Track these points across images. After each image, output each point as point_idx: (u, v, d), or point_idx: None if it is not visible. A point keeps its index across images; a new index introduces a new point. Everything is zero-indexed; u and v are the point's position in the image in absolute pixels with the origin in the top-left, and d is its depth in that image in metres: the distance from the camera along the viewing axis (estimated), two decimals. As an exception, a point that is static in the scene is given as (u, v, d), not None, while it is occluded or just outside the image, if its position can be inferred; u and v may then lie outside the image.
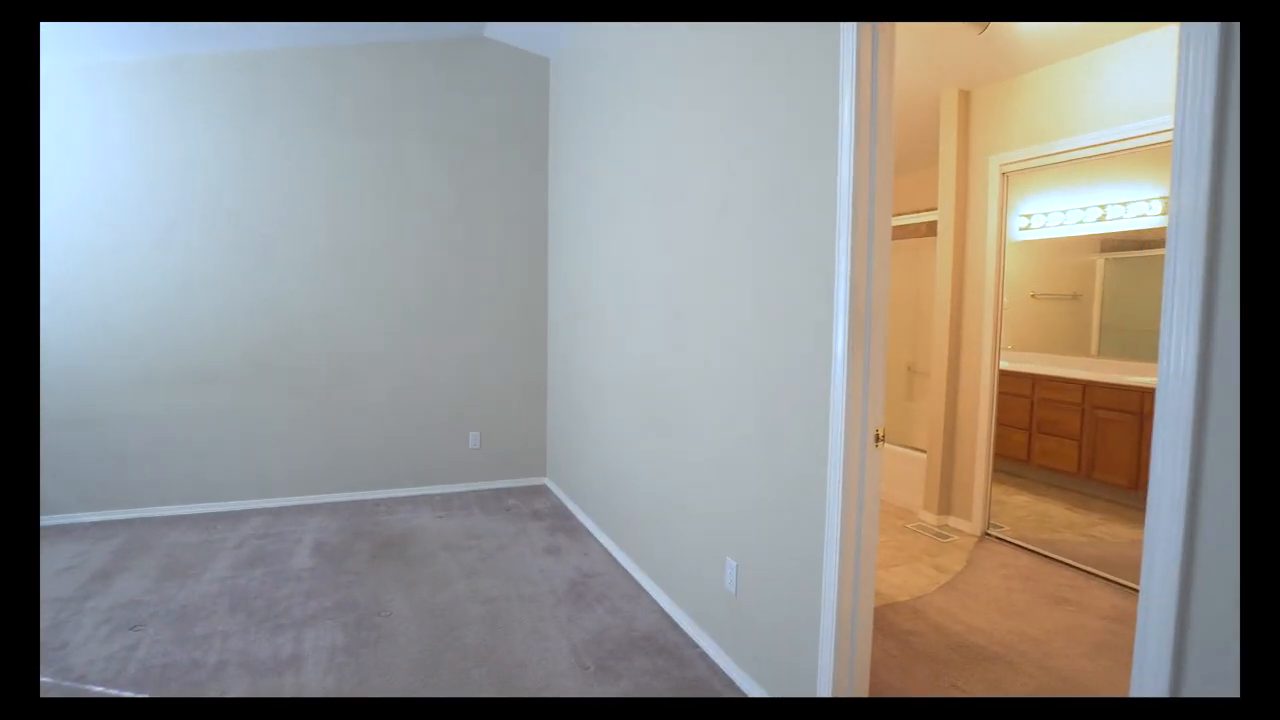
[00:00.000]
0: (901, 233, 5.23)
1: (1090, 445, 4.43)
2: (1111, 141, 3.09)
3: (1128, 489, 4.22)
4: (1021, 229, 5.25)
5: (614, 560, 3.29)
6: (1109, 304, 4.98)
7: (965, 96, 3.76)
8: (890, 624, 2.70)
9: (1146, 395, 4.11)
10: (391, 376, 4.24)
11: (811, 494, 1.93)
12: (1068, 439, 4.56)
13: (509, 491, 4.45)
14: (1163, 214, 4.42)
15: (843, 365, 1.80)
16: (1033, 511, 4.16)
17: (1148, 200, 4.53)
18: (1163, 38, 2.95)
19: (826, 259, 1.86)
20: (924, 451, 4.05)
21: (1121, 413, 4.25)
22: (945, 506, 3.94)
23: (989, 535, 3.73)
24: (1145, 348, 4.70)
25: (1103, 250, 4.91)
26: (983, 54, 3.44)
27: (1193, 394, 0.96)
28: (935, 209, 3.99)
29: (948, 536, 3.74)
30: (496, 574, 3.10)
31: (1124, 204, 4.64)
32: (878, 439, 1.87)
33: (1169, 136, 2.96)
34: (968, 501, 3.81)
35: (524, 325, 4.56)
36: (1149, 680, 1.04)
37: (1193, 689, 0.98)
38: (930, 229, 4.57)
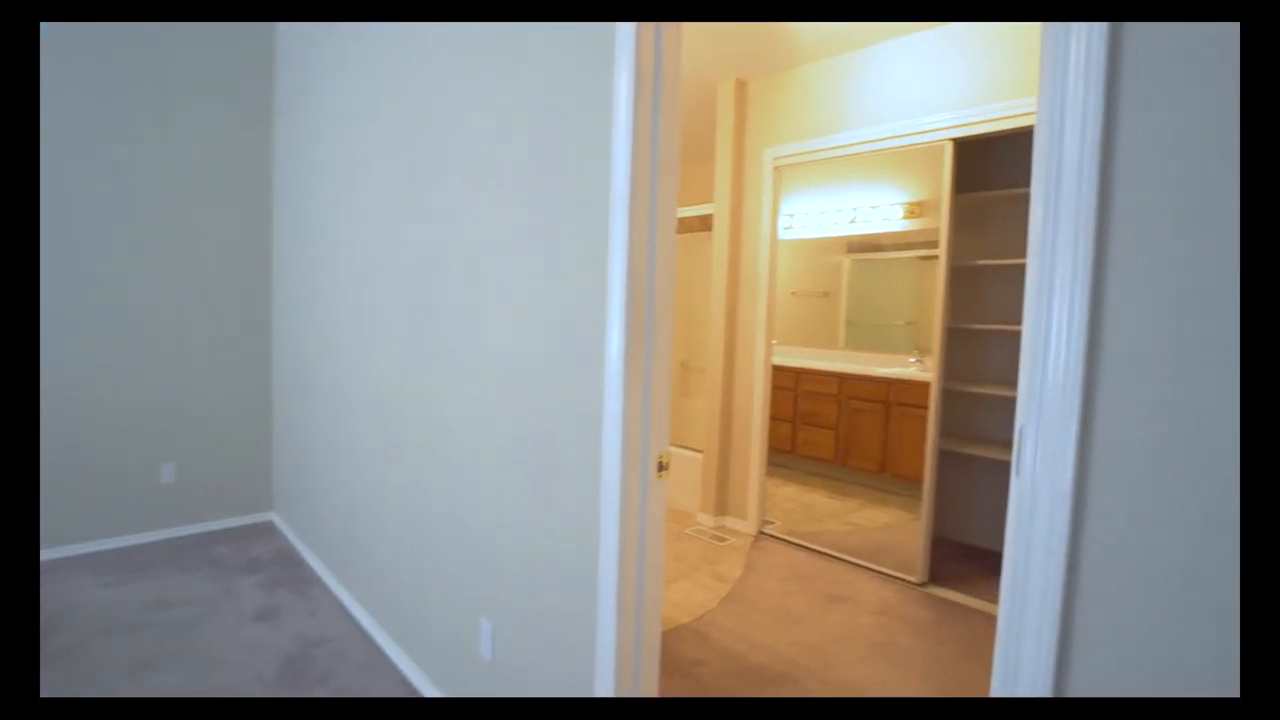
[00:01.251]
0: (679, 227, 5.15)
1: (845, 434, 4.69)
2: (867, 141, 3.16)
3: (876, 473, 4.52)
4: (785, 228, 5.44)
5: (351, 619, 2.66)
6: (853, 301, 5.34)
7: (742, 87, 3.68)
8: (676, 656, 2.45)
9: (892, 386, 4.42)
10: (41, 396, 3.10)
11: (581, 539, 1.55)
12: (827, 429, 4.79)
13: (220, 535, 3.53)
14: (906, 218, 4.80)
15: (619, 380, 1.44)
16: (799, 503, 4.27)
17: (890, 205, 4.88)
18: (930, 38, 3.03)
19: (601, 251, 1.49)
20: (700, 451, 3.94)
21: (871, 402, 4.54)
22: (722, 507, 3.86)
23: (764, 534, 3.71)
24: (880, 340, 5.12)
25: (849, 252, 5.25)
26: (760, 43, 3.34)
27: (1079, 389, 0.92)
28: (711, 203, 3.88)
29: (725, 539, 3.65)
30: (182, 663, 2.31)
31: (873, 206, 4.97)
32: (660, 468, 1.54)
33: (918, 139, 3.10)
34: (743, 500, 3.76)
35: (240, 328, 3.64)
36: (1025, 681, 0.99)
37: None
38: (704, 223, 4.49)
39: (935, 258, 4.85)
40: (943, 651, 2.56)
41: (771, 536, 3.68)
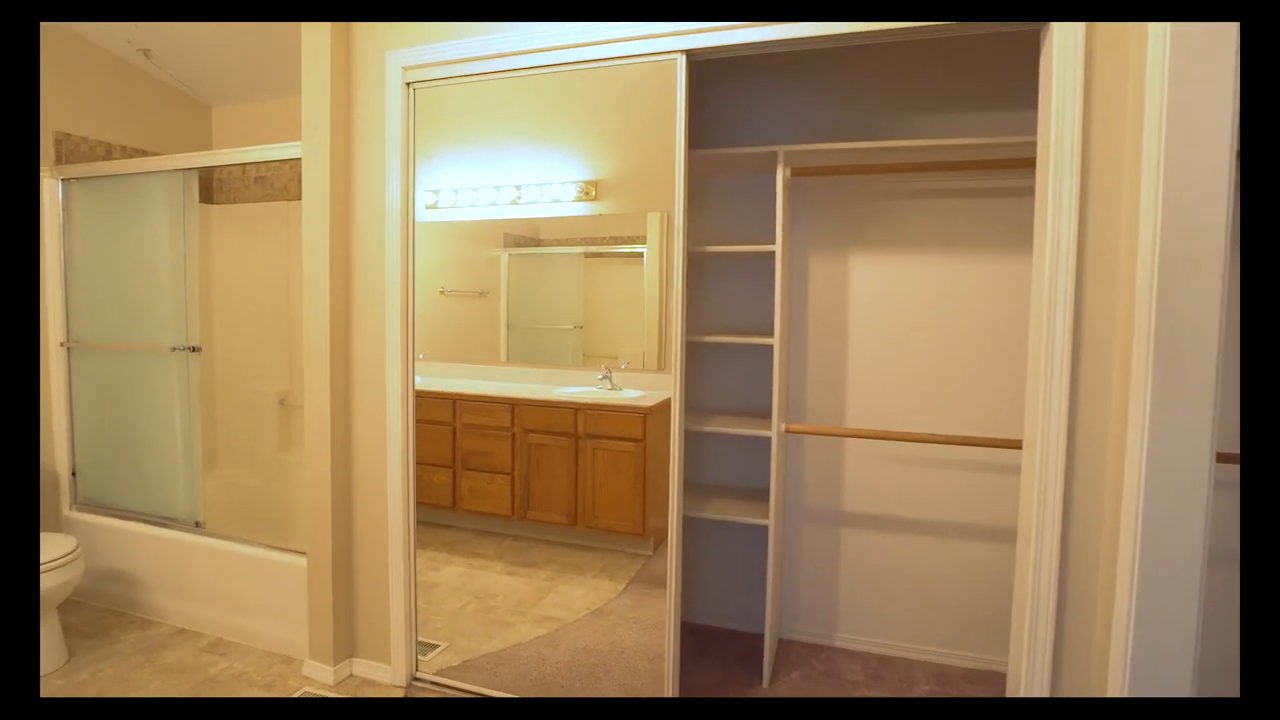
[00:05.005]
0: (265, 189, 3.38)
1: (524, 479, 3.54)
2: (555, 48, 2.00)
3: (566, 525, 3.46)
4: (429, 206, 4.05)
5: None
6: (515, 302, 4.24)
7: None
8: None
9: (580, 413, 3.39)
10: None
11: None
12: (499, 474, 3.58)
13: None
14: (578, 199, 3.83)
15: None
16: (471, 595, 2.98)
17: (564, 183, 3.86)
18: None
19: None
20: (303, 554, 2.38)
21: (555, 435, 3.46)
22: (347, 643, 2.37)
23: (419, 682, 2.32)
24: (545, 349, 4.12)
25: (506, 242, 4.13)
26: None
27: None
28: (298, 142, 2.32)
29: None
30: None
31: (541, 184, 3.89)
32: None
33: (635, 50, 2.02)
34: (381, 622, 2.33)
35: None
36: None
37: None
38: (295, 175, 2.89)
39: (609, 253, 4.04)
40: None
41: (433, 685, 2.30)
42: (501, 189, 3.93)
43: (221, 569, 2.57)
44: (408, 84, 2.18)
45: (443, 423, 3.68)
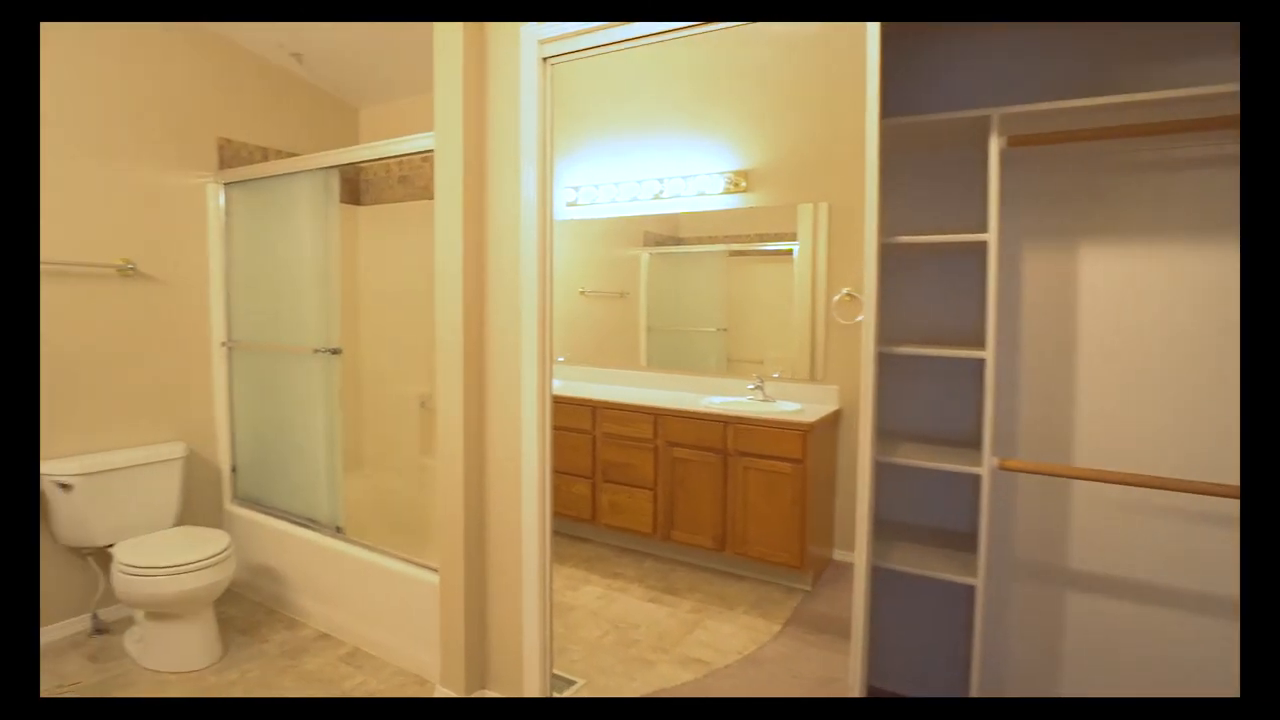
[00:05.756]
0: (406, 190, 3.35)
1: (667, 496, 3.26)
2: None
3: (713, 550, 3.14)
4: (569, 204, 3.90)
5: None
6: (655, 303, 3.97)
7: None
8: None
9: (731, 427, 3.06)
10: None
11: None
12: (640, 488, 3.33)
13: None
14: (726, 191, 3.49)
15: None
16: (611, 620, 2.73)
17: (710, 174, 3.55)
18: None
19: None
20: (436, 570, 2.23)
21: (702, 451, 3.15)
22: (479, 672, 2.19)
23: (553, 719, 2.09)
24: (686, 353, 3.81)
25: (646, 241, 3.87)
26: None
27: None
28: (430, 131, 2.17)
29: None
30: None
31: (686, 176, 3.60)
32: None
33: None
34: (515, 653, 2.12)
35: None
36: None
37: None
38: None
39: (755, 251, 3.65)
40: None
41: (566, 722, 2.06)
42: (643, 183, 3.69)
43: (359, 578, 2.50)
44: (544, 59, 1.94)
45: (582, 430, 3.49)
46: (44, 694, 2.25)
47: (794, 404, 3.16)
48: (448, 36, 2.03)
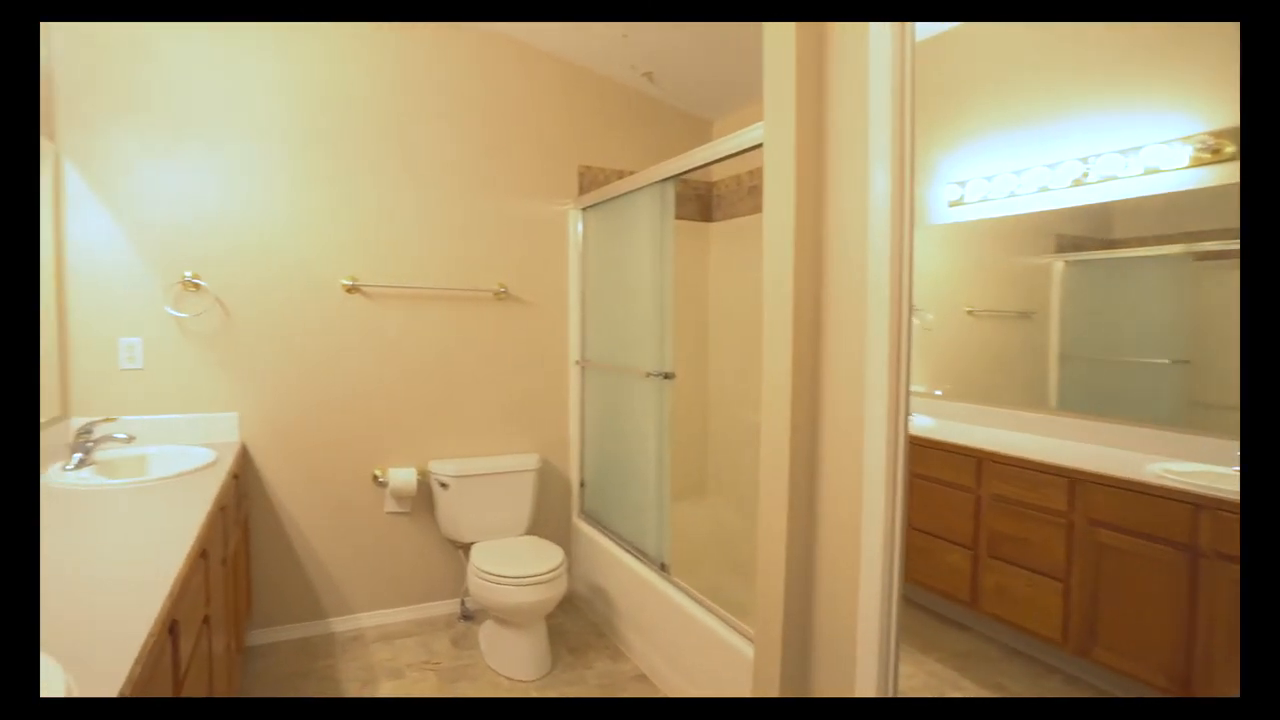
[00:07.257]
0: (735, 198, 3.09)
1: (1088, 594, 2.30)
2: None
3: (1164, 689, 2.09)
4: (952, 203, 3.18)
5: None
6: (1071, 325, 2.94)
7: None
8: None
9: (1205, 513, 1.99)
10: None
11: None
12: (1044, 576, 2.42)
13: None
14: (1193, 164, 2.41)
15: None
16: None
17: (1168, 143, 2.50)
18: None
19: None
20: (750, 640, 1.83)
21: (1148, 539, 2.13)
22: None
23: None
24: (1121, 394, 2.66)
25: (1060, 245, 2.89)
26: None
27: None
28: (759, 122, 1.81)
29: None
30: None
31: (1125, 150, 2.60)
32: None
33: None
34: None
35: None
36: None
37: None
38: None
39: (1235, 251, 2.35)
40: None
41: None
42: (1058, 166, 2.76)
43: (677, 625, 2.25)
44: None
45: (962, 488, 2.71)
46: (409, 665, 2.49)
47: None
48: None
